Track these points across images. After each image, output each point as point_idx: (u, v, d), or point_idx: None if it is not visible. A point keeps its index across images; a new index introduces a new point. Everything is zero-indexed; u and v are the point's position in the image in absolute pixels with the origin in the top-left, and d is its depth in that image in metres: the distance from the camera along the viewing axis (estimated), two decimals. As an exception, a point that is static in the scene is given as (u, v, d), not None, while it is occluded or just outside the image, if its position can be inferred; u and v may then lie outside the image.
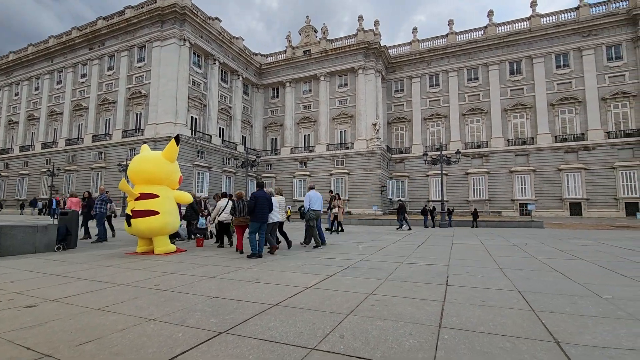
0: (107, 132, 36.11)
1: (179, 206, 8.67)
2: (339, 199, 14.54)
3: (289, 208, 21.19)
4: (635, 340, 2.56)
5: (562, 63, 35.09)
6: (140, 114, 34.11)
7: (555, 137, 34.43)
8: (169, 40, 32.70)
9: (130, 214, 7.23)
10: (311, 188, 9.46)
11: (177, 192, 8.14)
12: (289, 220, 22.03)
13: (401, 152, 41.22)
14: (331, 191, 15.64)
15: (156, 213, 7.19)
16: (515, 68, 36.95)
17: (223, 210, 8.87)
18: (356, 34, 39.93)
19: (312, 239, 8.85)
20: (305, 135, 42.11)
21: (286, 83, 43.27)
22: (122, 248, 8.54)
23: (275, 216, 7.70)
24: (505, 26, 37.86)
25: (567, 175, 33.36)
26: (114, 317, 3.11)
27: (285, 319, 3.04)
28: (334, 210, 14.05)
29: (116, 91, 35.74)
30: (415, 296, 3.84)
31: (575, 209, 32.80)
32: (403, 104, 41.95)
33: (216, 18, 38.00)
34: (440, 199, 23.83)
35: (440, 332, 2.72)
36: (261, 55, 46.05)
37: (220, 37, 37.40)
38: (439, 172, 26.69)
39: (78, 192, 32.25)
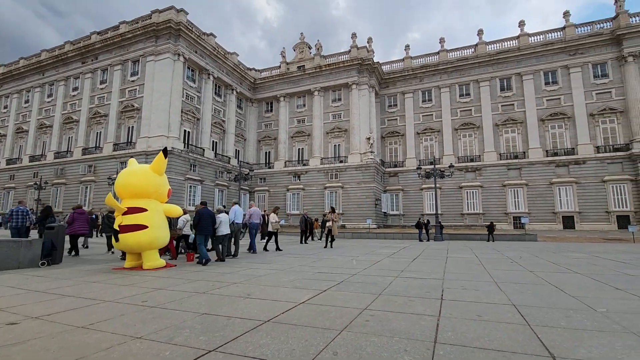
0: (97, 145, 35.83)
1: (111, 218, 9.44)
2: (334, 212, 14.50)
3: (282, 221, 21.22)
4: (631, 354, 2.53)
5: (550, 80, 36.09)
6: (132, 127, 34.00)
7: (546, 151, 35.06)
8: (164, 55, 32.99)
9: (118, 229, 7.07)
10: (235, 203, 10.65)
11: (166, 205, 8.00)
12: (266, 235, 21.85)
13: (395, 166, 41.49)
14: (332, 207, 15.63)
15: (145, 227, 7.04)
16: (505, 84, 37.88)
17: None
18: (350, 51, 40.75)
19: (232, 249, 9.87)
20: (299, 149, 42.26)
21: (280, 97, 43.69)
22: (109, 263, 8.33)
23: (225, 229, 8.68)
24: (495, 44, 39.01)
25: (559, 188, 33.80)
26: (98, 335, 2.98)
27: (277, 335, 2.95)
28: (327, 224, 13.94)
29: (108, 104, 35.69)
30: (410, 311, 3.76)
31: (568, 222, 33.10)
32: (396, 119, 42.53)
33: (211, 34, 38.56)
34: (434, 212, 23.87)
35: (436, 348, 2.65)
36: (255, 70, 46.62)
37: (215, 53, 37.86)
38: (433, 185, 26.84)
39: (65, 206, 31.64)
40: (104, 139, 35.24)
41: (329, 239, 14.00)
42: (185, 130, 34.72)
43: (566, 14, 36.41)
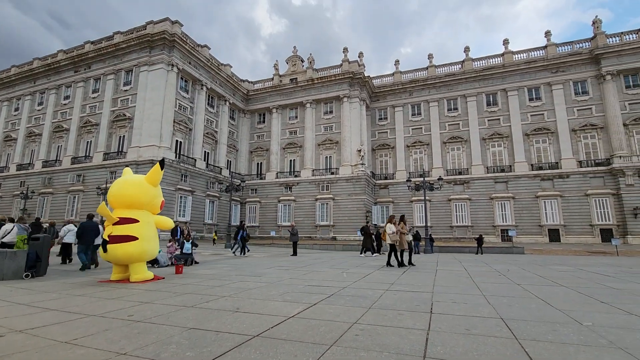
0: (87, 154, 35.29)
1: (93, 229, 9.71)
2: (403, 221, 11.25)
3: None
4: (616, 368, 2.58)
5: (534, 96, 37.31)
6: (124, 136, 33.67)
7: (532, 165, 35.92)
8: (157, 65, 33.03)
9: (108, 239, 6.92)
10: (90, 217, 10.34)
11: (157, 217, 7.89)
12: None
13: (385, 178, 41.85)
14: (392, 216, 11.32)
15: (135, 239, 6.92)
16: (491, 100, 38.97)
17: (8, 233, 9.04)
18: (341, 64, 41.48)
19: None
20: (290, 160, 42.35)
21: (273, 109, 43.97)
22: (95, 275, 8.12)
23: (98, 240, 9.36)
24: (481, 61, 40.28)
25: (545, 202, 34.51)
26: (81, 350, 2.91)
27: (266, 351, 2.92)
28: (390, 235, 10.50)
29: (100, 113, 35.36)
30: (399, 325, 3.77)
31: (554, 235, 33.70)
32: (387, 132, 43.14)
33: (205, 45, 38.86)
34: (424, 224, 24.05)
35: (425, 362, 2.66)
36: (249, 81, 46.98)
37: (209, 64, 38.09)
38: (423, 198, 27.12)
39: (52, 217, 30.94)
40: (94, 148, 34.75)
41: (398, 255, 10.60)
42: (177, 140, 34.52)
43: (548, 34, 37.94)
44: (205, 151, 38.53)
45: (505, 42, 39.40)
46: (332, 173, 39.12)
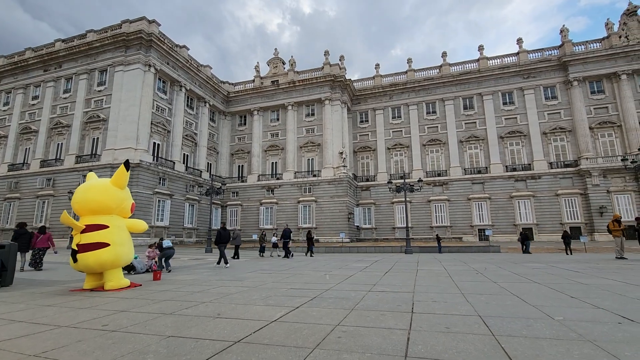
0: (58, 157, 33.72)
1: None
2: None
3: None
4: (586, 360, 2.70)
5: (508, 100, 38.83)
6: (98, 138, 32.43)
7: (506, 166, 37.30)
8: (133, 66, 32.06)
9: (76, 248, 6.60)
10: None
11: (129, 220, 7.60)
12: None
13: (367, 180, 42.29)
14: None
15: (106, 245, 6.64)
16: (468, 103, 40.23)
17: None
18: (323, 67, 41.68)
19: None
20: (272, 162, 42.08)
21: (254, 111, 43.60)
22: (66, 284, 7.75)
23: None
24: (458, 66, 41.55)
25: (519, 202, 35.89)
26: (51, 365, 2.76)
27: (248, 357, 2.87)
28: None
29: (72, 114, 33.90)
30: (381, 325, 3.81)
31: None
32: (368, 134, 43.66)
33: (184, 46, 38.11)
34: (404, 225, 24.44)
35: (407, 362, 2.70)
36: (229, 83, 46.41)
37: (188, 65, 37.35)
38: (403, 199, 27.58)
39: (19, 221, 29.27)
40: (66, 151, 33.25)
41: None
42: (154, 143, 33.57)
43: (519, 41, 39.61)
44: (184, 154, 37.67)
45: (481, 48, 40.82)
46: (315, 175, 39.16)
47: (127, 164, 7.38)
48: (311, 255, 18.16)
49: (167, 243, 10.85)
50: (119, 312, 4.75)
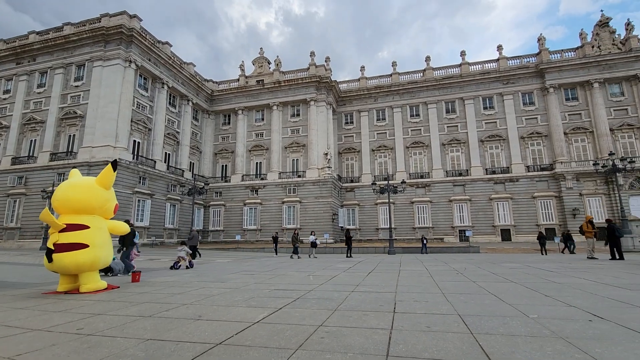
0: (31, 154, 32.31)
1: None
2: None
3: (238, 237, 20.36)
4: (560, 357, 2.79)
5: (488, 105, 39.99)
6: (74, 135, 31.29)
7: (486, 169, 38.39)
8: (113, 61, 31.14)
9: (53, 247, 6.34)
10: None
11: (111, 222, 7.37)
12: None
13: (351, 181, 42.57)
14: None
15: (85, 246, 6.40)
16: (450, 107, 41.17)
17: None
18: (308, 68, 41.71)
19: None
20: (257, 162, 41.74)
21: (238, 110, 43.14)
22: (39, 287, 7.43)
23: None
24: (441, 71, 42.47)
25: (497, 204, 36.99)
26: (21, 371, 2.64)
27: (229, 359, 2.84)
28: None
29: (46, 110, 32.56)
30: (364, 325, 3.84)
31: (506, 234, 36.20)
32: (353, 135, 43.98)
33: (166, 42, 37.32)
34: (388, 226, 24.76)
35: (388, 361, 2.74)
36: (213, 82, 45.76)
37: (170, 62, 36.59)
38: (387, 200, 27.92)
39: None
40: (40, 148, 31.90)
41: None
42: (135, 141, 32.67)
43: (499, 48, 40.90)
44: (166, 152, 36.85)
45: (463, 53, 41.86)
46: (299, 176, 39.09)
47: (114, 163, 7.16)
48: (350, 256, 18.34)
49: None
50: (95, 315, 4.59)
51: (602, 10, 38.69)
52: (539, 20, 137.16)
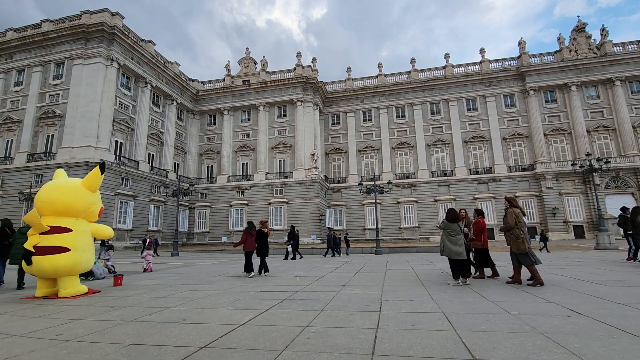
0: (7, 155, 31.11)
1: None
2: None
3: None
4: (540, 353, 2.88)
5: (471, 107, 40.87)
6: (53, 135, 30.28)
7: (470, 170, 39.20)
8: (94, 59, 30.31)
9: (33, 250, 6.11)
10: None
11: (95, 225, 7.14)
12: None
13: (338, 182, 42.71)
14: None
15: (66, 250, 6.19)
16: (435, 109, 41.86)
17: None
18: (295, 69, 41.64)
19: None
20: (243, 163, 41.38)
21: (224, 111, 42.67)
22: (17, 292, 7.15)
23: None
24: (426, 72, 43.14)
25: (481, 203, 37.76)
26: (-5, 380, 2.54)
27: (215, 361, 2.81)
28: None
29: (23, 109, 31.41)
30: (350, 325, 3.86)
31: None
32: (339, 136, 44.15)
33: (150, 41, 36.57)
34: (375, 226, 24.95)
35: (373, 360, 2.76)
36: (198, 81, 45.12)
37: (154, 61, 35.87)
38: (374, 201, 28.14)
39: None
40: (16, 148, 30.74)
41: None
42: (117, 141, 31.87)
43: (482, 51, 41.89)
44: (149, 153, 36.08)
45: (447, 56, 42.65)
46: (286, 177, 38.96)
47: (102, 166, 6.98)
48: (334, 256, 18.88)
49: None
50: (75, 320, 4.46)
51: (578, 16, 40.14)
52: (537, 20, 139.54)
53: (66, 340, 3.54)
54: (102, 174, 6.96)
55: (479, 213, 8.23)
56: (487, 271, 8.32)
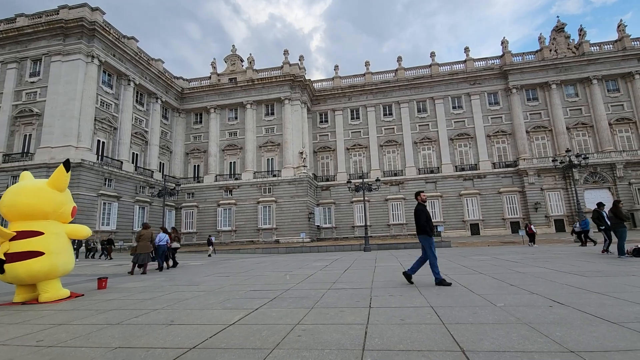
0: (-19, 155, 29.83)
1: None
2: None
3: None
4: (524, 343, 2.96)
5: (457, 105, 41.54)
6: (30, 135, 29.26)
7: (456, 166, 39.88)
8: (73, 56, 29.39)
9: (4, 258, 5.86)
10: None
11: (70, 226, 6.87)
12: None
13: (327, 180, 42.77)
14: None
15: (40, 254, 5.94)
16: (421, 107, 42.37)
17: None
18: (282, 67, 41.39)
19: None
20: (231, 162, 40.94)
21: (211, 109, 42.08)
22: (-7, 298, 6.88)
23: None
24: (412, 71, 43.57)
25: (467, 199, 38.54)
26: (-28, 389, 2.44)
27: (204, 362, 2.77)
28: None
29: (-2, 108, 30.19)
30: (340, 322, 3.88)
31: (475, 229, 37.79)
32: (328, 134, 44.18)
33: (132, 37, 35.69)
34: (364, 224, 25.12)
35: (364, 355, 2.77)
36: (183, 79, 44.33)
37: (137, 58, 35.03)
38: (362, 198, 28.30)
39: None
40: (-10, 149, 29.52)
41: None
42: (99, 141, 31.04)
43: (467, 50, 42.56)
44: (133, 153, 35.28)
45: (432, 54, 43.19)
46: (274, 175, 38.76)
47: (67, 163, 6.65)
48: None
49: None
50: (57, 325, 4.32)
51: (558, 17, 41.21)
52: (537, 16, 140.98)
53: (48, 346, 3.42)
54: (68, 171, 6.68)
55: None
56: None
